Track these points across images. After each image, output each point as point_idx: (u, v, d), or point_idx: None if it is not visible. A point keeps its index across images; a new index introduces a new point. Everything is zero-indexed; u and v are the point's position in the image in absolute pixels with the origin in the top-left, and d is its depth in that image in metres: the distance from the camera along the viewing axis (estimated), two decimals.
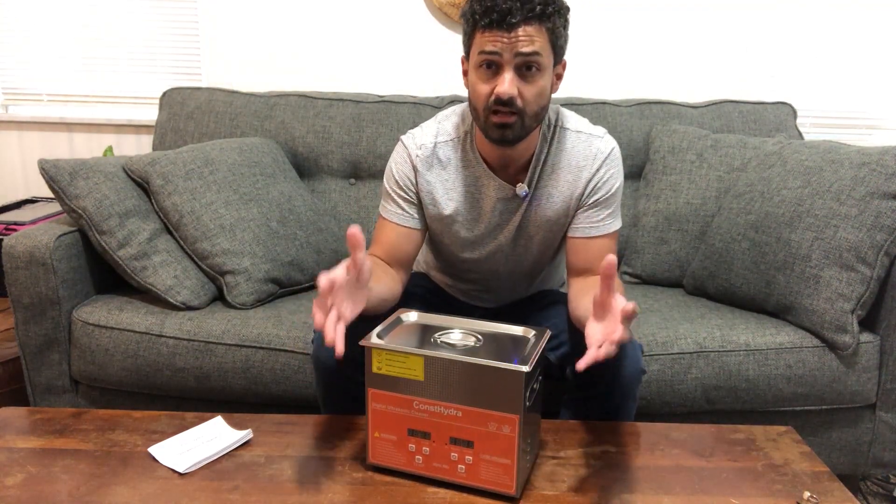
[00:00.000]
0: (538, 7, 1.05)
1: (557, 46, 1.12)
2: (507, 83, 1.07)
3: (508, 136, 1.12)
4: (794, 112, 2.05)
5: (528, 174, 1.23)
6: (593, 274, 1.25)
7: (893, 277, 1.50)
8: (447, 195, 1.25)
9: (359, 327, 1.09)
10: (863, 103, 2.36)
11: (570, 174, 1.23)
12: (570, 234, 1.27)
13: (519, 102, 1.09)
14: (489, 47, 1.07)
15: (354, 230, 0.89)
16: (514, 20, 1.04)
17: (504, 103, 1.08)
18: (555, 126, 1.24)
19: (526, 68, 1.08)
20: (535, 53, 1.07)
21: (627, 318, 0.84)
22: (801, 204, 1.54)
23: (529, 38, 1.06)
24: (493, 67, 1.09)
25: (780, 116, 2.03)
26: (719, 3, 2.26)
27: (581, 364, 0.86)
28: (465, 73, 1.18)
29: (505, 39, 1.06)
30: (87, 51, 2.39)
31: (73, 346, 1.56)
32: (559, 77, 1.18)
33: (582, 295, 1.17)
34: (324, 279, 0.86)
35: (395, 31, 2.31)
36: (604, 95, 2.10)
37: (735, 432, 1.15)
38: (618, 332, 0.84)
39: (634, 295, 1.74)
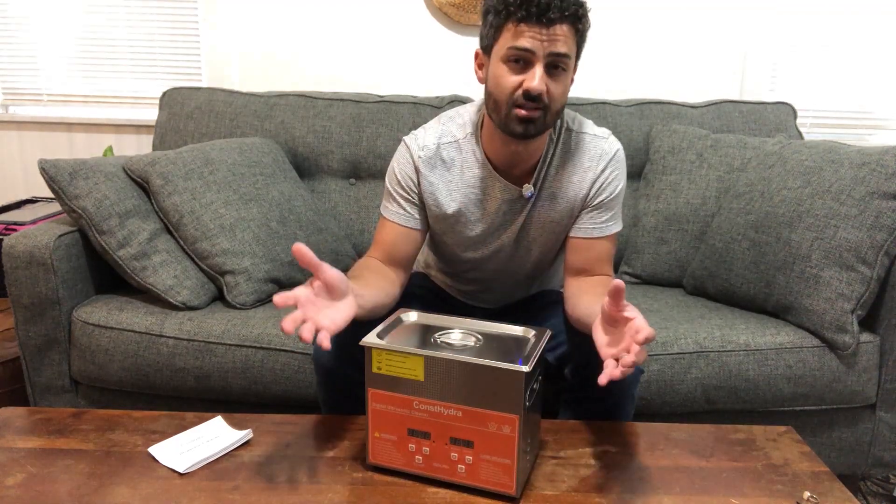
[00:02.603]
0: (573, 7, 1.05)
1: (580, 51, 1.12)
2: (537, 79, 1.06)
3: (531, 130, 1.11)
4: (794, 112, 2.05)
5: (535, 175, 1.23)
6: (591, 275, 1.25)
7: (893, 277, 1.50)
8: (450, 195, 1.25)
9: (359, 327, 1.09)
10: (863, 103, 2.36)
11: (576, 175, 1.23)
12: (571, 233, 1.27)
13: (546, 99, 1.09)
14: (524, 43, 1.05)
15: (299, 246, 0.89)
16: (553, 16, 1.03)
17: (532, 98, 1.08)
18: (561, 127, 1.24)
19: (554, 67, 1.08)
20: (566, 55, 1.07)
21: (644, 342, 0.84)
22: (801, 204, 1.54)
23: (564, 38, 1.06)
24: (521, 62, 1.08)
25: (780, 116, 2.03)
26: (720, 3, 2.26)
27: (602, 379, 0.86)
28: (481, 67, 1.17)
29: (543, 36, 1.05)
30: (88, 51, 2.39)
31: (73, 346, 1.56)
32: (571, 80, 1.18)
33: (581, 293, 1.17)
34: (277, 297, 0.85)
35: (395, 32, 2.31)
36: (604, 95, 2.11)
37: (735, 432, 1.15)
38: (633, 352, 0.84)
39: (634, 295, 1.74)
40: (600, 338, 0.94)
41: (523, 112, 1.09)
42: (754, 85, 2.32)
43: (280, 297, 0.85)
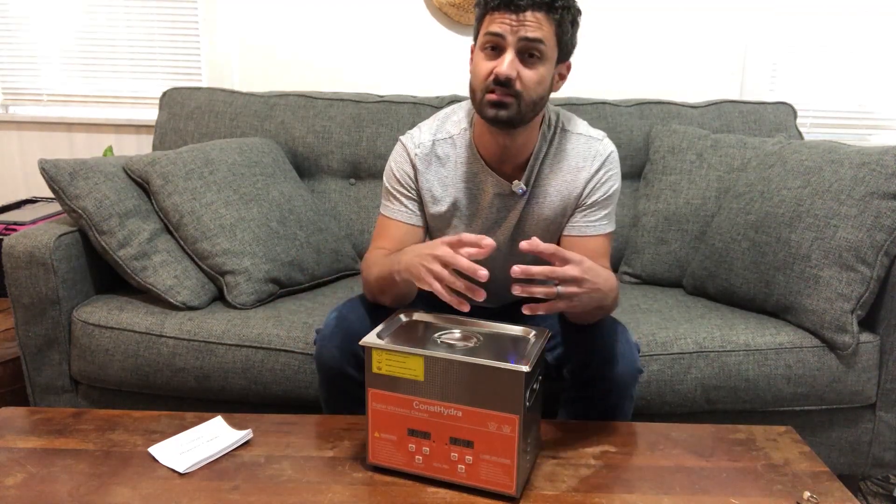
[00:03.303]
0: None
1: (563, 42, 1.13)
2: (506, 64, 1.08)
3: (503, 115, 1.12)
4: (794, 112, 2.05)
5: (526, 172, 1.23)
6: None
7: (893, 277, 1.50)
8: (445, 191, 1.26)
9: (362, 326, 1.09)
10: (863, 103, 2.36)
11: (569, 174, 1.24)
12: (565, 232, 1.27)
13: (517, 85, 1.10)
14: (495, 28, 1.09)
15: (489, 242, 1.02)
16: (521, 3, 1.06)
17: (502, 84, 1.09)
18: (556, 127, 1.25)
19: (528, 54, 1.10)
20: (539, 40, 1.09)
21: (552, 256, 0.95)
22: (801, 204, 1.54)
23: (536, 24, 1.08)
24: (496, 49, 1.11)
25: (780, 116, 2.02)
26: (720, 3, 2.26)
27: (524, 309, 0.98)
28: (472, 61, 1.19)
29: (512, 21, 1.08)
30: (87, 51, 2.39)
31: (73, 346, 1.56)
32: (562, 77, 1.19)
33: None
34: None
35: (395, 32, 2.31)
36: (604, 95, 2.10)
37: (735, 432, 1.15)
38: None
39: (634, 295, 1.74)
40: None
41: (494, 96, 1.11)
42: (754, 85, 2.32)
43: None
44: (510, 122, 1.14)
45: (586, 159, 1.24)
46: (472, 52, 1.20)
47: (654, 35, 2.29)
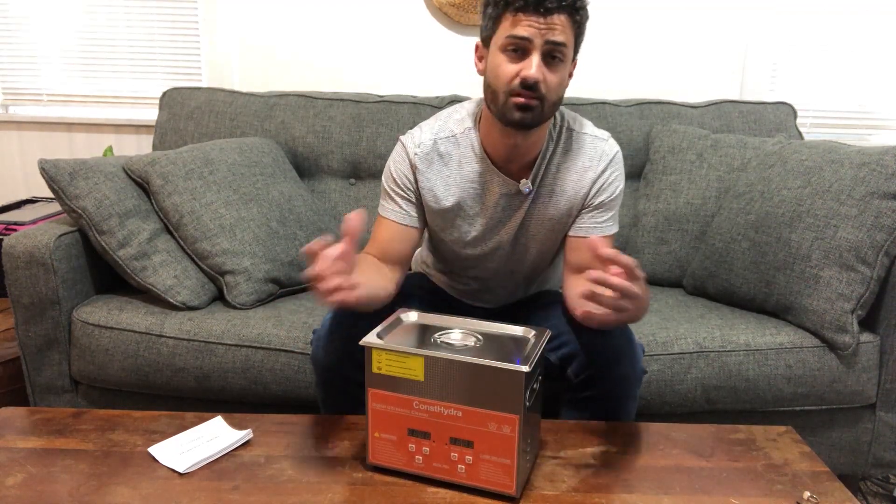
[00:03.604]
0: None
1: (578, 43, 1.13)
2: (534, 67, 1.07)
3: (528, 119, 1.11)
4: (794, 112, 2.05)
5: (533, 171, 1.23)
6: None
7: (893, 277, 1.50)
8: (448, 190, 1.26)
9: (359, 327, 1.09)
10: (863, 103, 2.36)
11: (576, 174, 1.24)
12: (571, 232, 1.27)
13: (542, 88, 1.09)
14: (521, 31, 1.07)
15: (355, 215, 0.93)
16: (550, 6, 1.05)
17: (529, 87, 1.08)
18: (561, 126, 1.25)
19: (551, 56, 1.09)
20: (563, 44, 1.08)
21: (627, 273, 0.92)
22: (801, 204, 1.54)
23: (561, 27, 1.07)
24: (518, 51, 1.09)
25: (780, 116, 2.03)
26: (720, 3, 2.26)
27: (578, 312, 0.99)
28: (481, 59, 1.18)
29: (540, 25, 1.06)
30: (88, 51, 2.39)
31: (73, 346, 1.56)
32: (570, 76, 1.19)
33: (578, 285, 1.17)
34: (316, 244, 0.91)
35: (395, 32, 2.31)
36: (604, 95, 2.10)
37: (735, 432, 1.15)
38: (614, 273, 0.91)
39: None
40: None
41: (521, 100, 1.10)
42: (754, 85, 2.32)
43: (315, 244, 0.91)
44: (533, 125, 1.14)
45: (592, 159, 1.24)
46: (478, 49, 1.18)
47: (654, 35, 2.29)
